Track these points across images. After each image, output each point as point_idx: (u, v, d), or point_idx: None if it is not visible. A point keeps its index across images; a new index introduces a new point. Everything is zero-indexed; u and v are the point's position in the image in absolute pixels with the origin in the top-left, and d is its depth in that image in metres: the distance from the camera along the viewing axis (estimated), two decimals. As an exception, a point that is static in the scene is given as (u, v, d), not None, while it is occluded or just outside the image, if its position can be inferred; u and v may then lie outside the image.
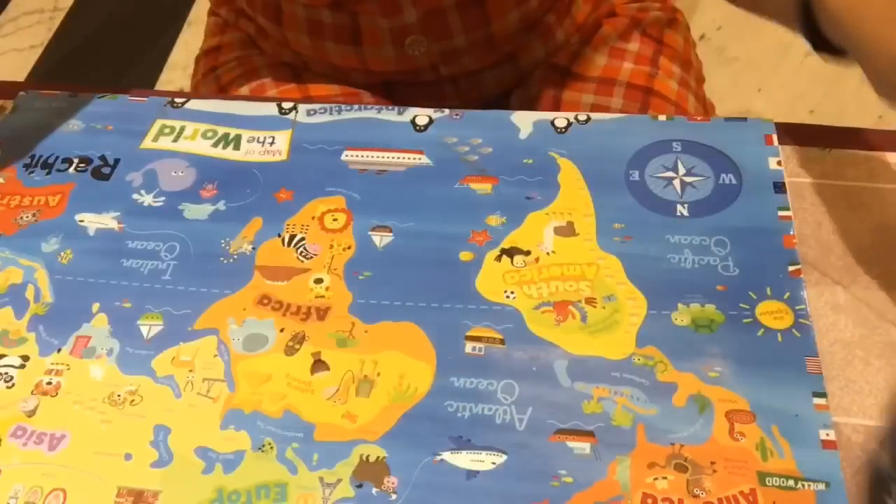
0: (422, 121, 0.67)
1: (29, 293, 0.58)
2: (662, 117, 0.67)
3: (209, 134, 0.68)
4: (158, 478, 0.49)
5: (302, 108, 0.68)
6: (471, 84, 0.81)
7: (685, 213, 0.60)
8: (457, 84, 0.81)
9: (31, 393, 0.53)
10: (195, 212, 0.62)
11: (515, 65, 0.82)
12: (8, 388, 0.53)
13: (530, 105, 0.84)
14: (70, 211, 0.63)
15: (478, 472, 0.48)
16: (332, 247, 0.59)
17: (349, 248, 0.59)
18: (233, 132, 0.67)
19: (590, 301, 0.55)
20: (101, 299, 0.58)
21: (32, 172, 0.66)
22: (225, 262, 0.59)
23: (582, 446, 0.49)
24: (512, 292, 0.56)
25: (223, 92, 0.84)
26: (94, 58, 2.02)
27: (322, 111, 0.68)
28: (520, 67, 0.83)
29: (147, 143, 0.68)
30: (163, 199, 0.63)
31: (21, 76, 1.94)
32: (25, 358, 0.55)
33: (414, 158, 0.64)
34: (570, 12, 0.84)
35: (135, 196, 0.64)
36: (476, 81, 0.82)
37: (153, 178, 0.65)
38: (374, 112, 0.67)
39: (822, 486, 0.46)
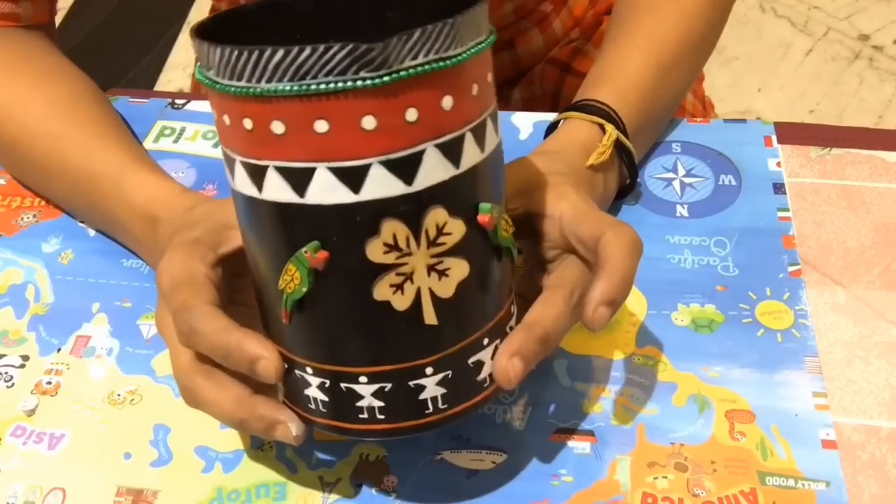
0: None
1: (29, 293, 0.58)
2: (662, 117, 0.67)
3: (210, 135, 0.68)
4: (158, 477, 0.49)
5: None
6: None
7: (685, 213, 0.60)
8: None
9: (31, 392, 0.53)
10: (195, 211, 0.62)
11: (513, 53, 0.82)
12: (8, 387, 0.53)
13: (531, 101, 0.84)
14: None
15: (478, 471, 0.48)
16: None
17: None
18: (233, 132, 0.67)
19: (590, 301, 0.55)
20: (101, 299, 0.58)
21: (32, 172, 0.66)
22: (225, 261, 0.59)
23: (582, 445, 0.49)
24: (512, 292, 0.56)
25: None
26: (94, 58, 2.02)
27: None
28: (518, 57, 0.83)
29: (148, 144, 0.68)
30: (163, 198, 0.63)
31: (21, 76, 1.94)
32: (25, 358, 0.55)
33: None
34: (567, 4, 0.84)
35: (135, 196, 0.63)
36: None
37: (153, 178, 0.65)
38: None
39: (822, 486, 0.46)
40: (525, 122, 0.67)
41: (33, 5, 0.64)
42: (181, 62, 2.01)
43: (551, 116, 0.67)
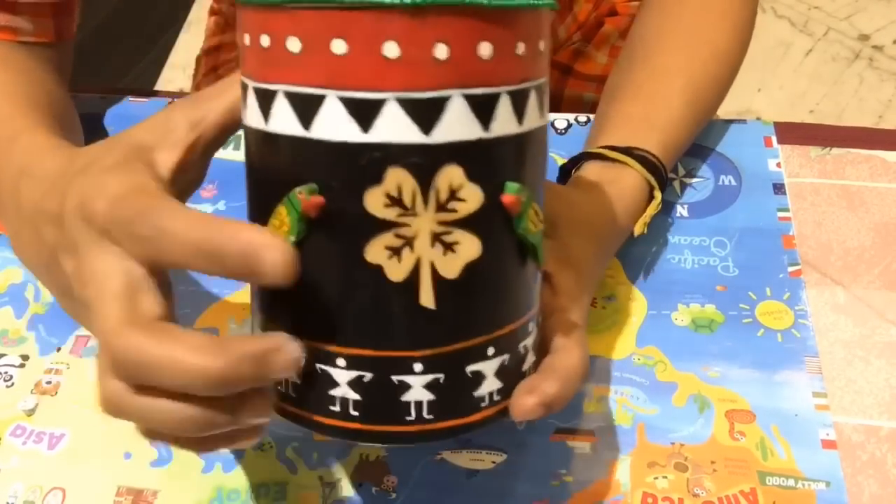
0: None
1: (29, 293, 0.58)
2: (662, 117, 0.67)
3: (209, 133, 0.68)
4: (158, 477, 0.49)
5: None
6: None
7: (685, 213, 0.60)
8: None
9: (31, 392, 0.53)
10: (195, 211, 0.62)
11: None
12: (7, 387, 0.53)
13: None
14: (70, 210, 0.63)
15: (478, 471, 0.48)
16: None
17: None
18: (233, 132, 0.67)
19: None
20: (100, 299, 0.57)
21: (32, 172, 0.66)
22: (225, 261, 0.59)
23: (582, 445, 0.49)
24: (512, 292, 0.56)
25: (224, 92, 0.83)
26: (94, 58, 2.02)
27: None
28: None
29: (147, 142, 0.68)
30: (163, 198, 0.63)
31: (21, 76, 1.94)
32: (25, 357, 0.55)
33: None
34: (572, 10, 0.84)
35: (135, 195, 0.63)
36: None
37: (153, 178, 0.64)
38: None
39: (822, 486, 0.46)
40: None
41: (33, 20, 0.59)
42: (181, 62, 2.01)
43: (552, 117, 0.67)
